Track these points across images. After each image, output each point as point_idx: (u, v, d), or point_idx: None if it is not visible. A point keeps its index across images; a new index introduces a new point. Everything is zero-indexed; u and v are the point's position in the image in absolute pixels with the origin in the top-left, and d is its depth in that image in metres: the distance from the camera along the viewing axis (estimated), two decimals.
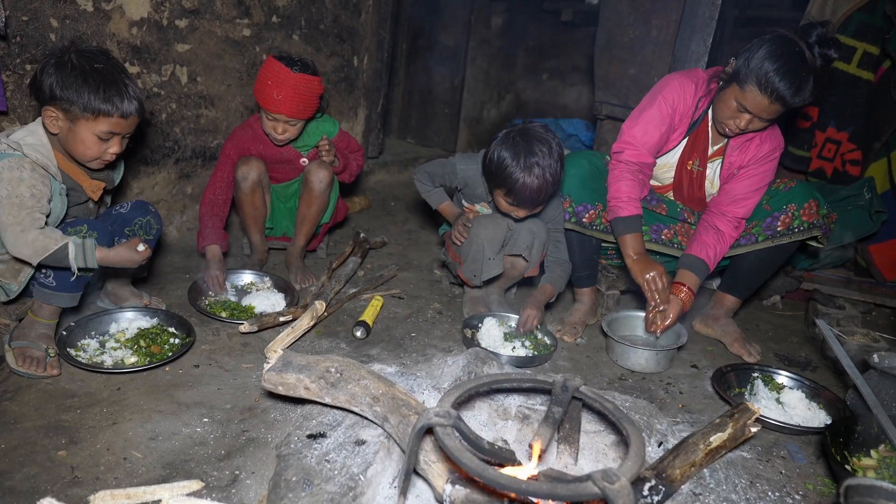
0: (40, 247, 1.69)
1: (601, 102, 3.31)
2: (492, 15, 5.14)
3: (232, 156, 2.59)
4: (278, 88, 2.36)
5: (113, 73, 1.79)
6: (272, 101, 2.38)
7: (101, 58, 1.81)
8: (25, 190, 1.72)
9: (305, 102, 2.43)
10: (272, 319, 2.20)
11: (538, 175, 2.10)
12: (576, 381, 1.38)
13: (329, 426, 1.57)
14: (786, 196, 2.27)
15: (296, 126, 2.50)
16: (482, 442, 1.21)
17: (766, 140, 2.25)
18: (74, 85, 1.74)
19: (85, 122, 1.78)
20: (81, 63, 1.76)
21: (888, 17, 3.10)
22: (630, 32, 3.10)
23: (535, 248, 2.34)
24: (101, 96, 1.76)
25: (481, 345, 2.23)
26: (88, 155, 1.85)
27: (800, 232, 2.21)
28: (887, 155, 3.16)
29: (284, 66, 2.36)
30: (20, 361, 1.77)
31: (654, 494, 1.37)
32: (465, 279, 2.42)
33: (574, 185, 2.35)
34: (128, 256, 1.84)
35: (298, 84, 2.38)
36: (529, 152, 2.11)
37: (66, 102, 1.75)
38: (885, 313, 3.00)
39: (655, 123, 2.24)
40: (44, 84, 1.75)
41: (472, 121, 5.38)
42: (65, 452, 1.50)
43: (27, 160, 1.76)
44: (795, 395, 2.06)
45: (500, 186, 2.18)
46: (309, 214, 2.66)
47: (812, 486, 1.68)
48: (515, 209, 2.22)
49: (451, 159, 2.44)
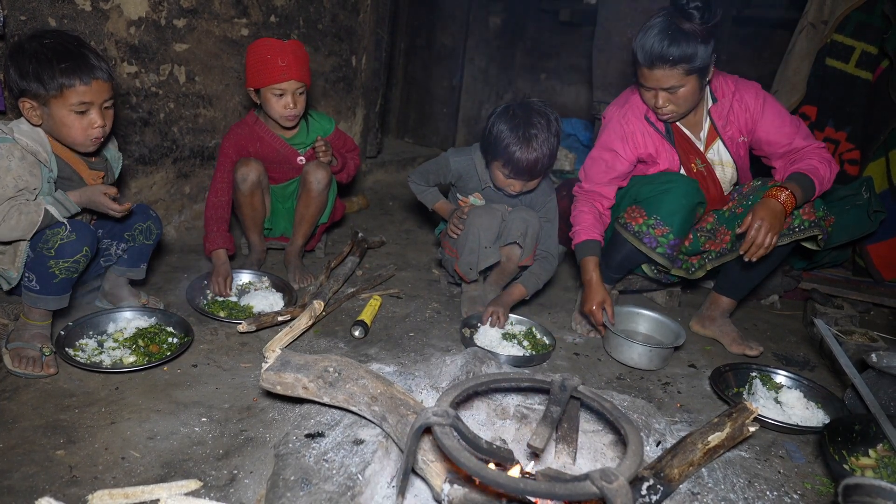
0: (27, 224, 1.75)
1: (599, 102, 3.32)
2: (490, 15, 5.14)
3: (231, 155, 2.58)
4: (280, 55, 2.39)
5: (64, 44, 1.78)
6: (278, 70, 2.40)
7: (49, 34, 1.80)
8: (11, 180, 1.74)
9: (306, 66, 2.49)
10: (270, 319, 2.20)
11: (536, 147, 2.15)
12: (574, 380, 1.38)
13: (327, 425, 1.57)
14: None
15: (303, 95, 2.52)
16: (480, 441, 1.21)
17: (743, 92, 2.29)
18: (31, 69, 1.74)
19: (55, 102, 1.78)
20: (32, 45, 1.76)
21: (886, 16, 3.11)
22: (628, 32, 3.11)
23: (528, 236, 2.35)
24: (57, 69, 1.75)
25: (479, 344, 2.23)
26: (73, 135, 1.84)
27: (801, 231, 2.20)
28: (885, 154, 3.16)
29: (274, 39, 2.44)
30: (16, 362, 1.77)
31: (652, 494, 1.37)
32: (462, 274, 2.43)
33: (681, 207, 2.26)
34: (97, 198, 1.87)
35: (296, 49, 2.45)
36: (528, 124, 2.16)
37: (31, 90, 1.76)
38: (883, 313, 3.00)
39: (601, 168, 2.36)
40: (10, 80, 1.77)
41: (471, 120, 5.38)
42: (63, 452, 1.50)
43: (17, 146, 1.77)
44: (794, 394, 2.06)
45: (498, 157, 2.22)
46: (307, 214, 2.66)
47: (810, 485, 1.68)
48: (512, 182, 2.25)
49: (444, 154, 2.48)
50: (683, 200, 2.24)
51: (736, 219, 2.32)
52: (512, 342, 2.28)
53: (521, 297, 2.44)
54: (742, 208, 2.32)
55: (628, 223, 2.33)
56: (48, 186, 1.85)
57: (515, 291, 2.43)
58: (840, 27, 3.23)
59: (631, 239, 2.31)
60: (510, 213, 2.36)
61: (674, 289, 2.82)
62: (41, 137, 1.84)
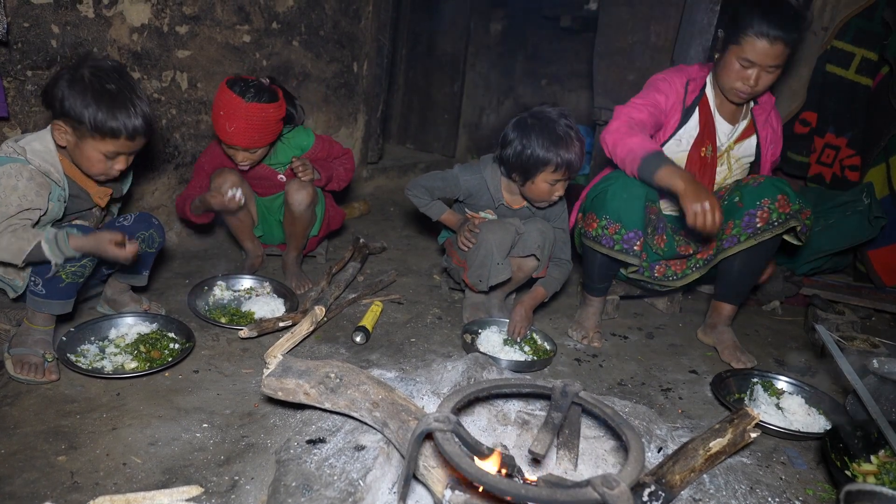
0: (16, 249, 1.70)
1: (600, 108, 3.32)
2: (491, 21, 5.16)
3: (206, 168, 2.56)
4: (230, 120, 2.26)
5: (124, 94, 1.77)
6: (224, 133, 2.31)
7: (113, 76, 1.78)
8: (15, 199, 1.72)
9: (261, 132, 2.32)
10: (272, 324, 2.20)
11: (575, 136, 2.17)
12: (575, 386, 1.38)
13: (328, 431, 1.57)
14: (756, 191, 2.25)
15: (257, 153, 2.43)
16: (482, 447, 1.21)
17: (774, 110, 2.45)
18: (85, 104, 1.72)
19: (92, 141, 1.78)
20: (94, 82, 1.74)
21: (886, 23, 3.12)
22: (629, 38, 3.12)
23: (545, 248, 2.34)
24: (110, 119, 1.75)
25: (481, 350, 2.23)
26: (93, 170, 1.86)
27: (779, 224, 2.21)
28: (886, 160, 3.17)
29: (236, 94, 2.24)
30: (18, 368, 1.77)
31: (653, 500, 1.37)
32: (471, 284, 2.42)
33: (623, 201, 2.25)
34: (102, 247, 1.75)
35: (251, 114, 2.26)
36: (555, 123, 2.17)
37: (75, 120, 1.75)
38: (884, 318, 3.00)
39: (643, 104, 2.30)
40: (55, 98, 1.75)
41: (472, 126, 5.40)
42: (64, 458, 1.50)
43: (28, 167, 1.75)
44: (795, 400, 2.06)
45: (543, 168, 2.18)
46: (294, 231, 2.63)
47: (812, 491, 1.68)
48: (560, 183, 2.24)
49: (452, 171, 2.42)
50: (624, 194, 2.23)
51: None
52: (513, 348, 2.28)
53: (542, 299, 2.43)
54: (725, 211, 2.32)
55: (586, 231, 2.34)
56: (58, 206, 1.85)
57: (537, 294, 2.41)
58: (840, 34, 3.24)
59: (593, 245, 2.32)
60: (526, 224, 2.34)
61: (675, 294, 2.83)
62: (53, 158, 1.82)
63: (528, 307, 2.38)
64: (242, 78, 2.34)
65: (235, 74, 2.34)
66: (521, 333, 2.32)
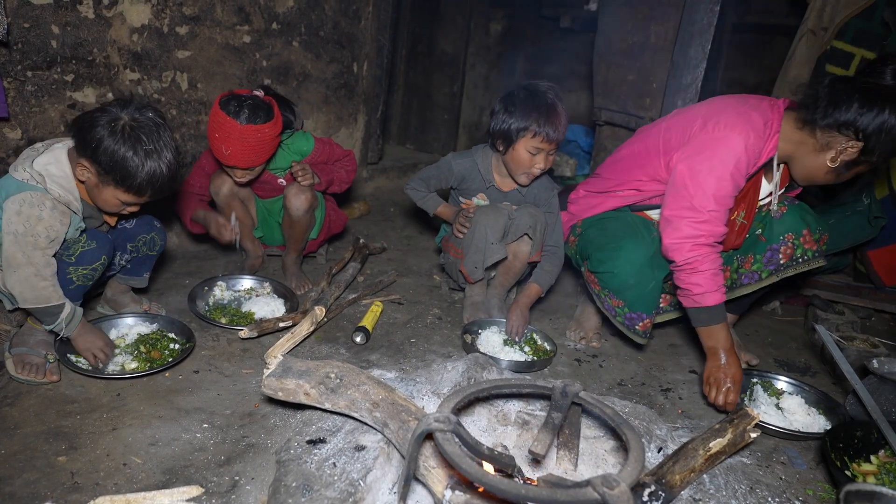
0: (43, 297, 1.72)
1: (600, 108, 3.32)
2: (491, 21, 5.16)
3: (206, 168, 2.57)
4: (226, 143, 2.22)
5: (157, 153, 1.74)
6: (221, 155, 2.28)
7: (152, 131, 1.74)
8: (42, 230, 1.70)
9: (257, 152, 2.30)
10: (272, 325, 2.20)
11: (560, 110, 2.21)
12: (575, 386, 1.38)
13: (329, 432, 1.57)
14: (780, 225, 2.14)
15: (255, 169, 2.41)
16: (482, 447, 1.21)
17: None
18: (117, 158, 1.70)
19: (114, 189, 1.77)
20: (131, 137, 1.70)
21: (886, 23, 3.12)
22: (629, 39, 3.11)
23: (538, 230, 2.35)
24: (138, 178, 1.73)
25: (481, 350, 2.23)
26: (107, 209, 1.86)
27: (804, 262, 2.12)
28: None
29: (231, 117, 2.19)
30: (19, 368, 1.78)
31: (653, 500, 1.37)
32: (467, 274, 2.42)
33: (629, 287, 2.11)
34: (87, 355, 1.88)
35: (246, 136, 2.22)
36: (541, 94, 2.22)
37: (102, 168, 1.72)
38: (884, 318, 3.00)
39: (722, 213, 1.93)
40: (90, 139, 1.70)
41: (472, 126, 5.40)
42: (65, 458, 1.50)
43: (49, 197, 1.72)
44: (795, 400, 2.06)
45: (524, 133, 2.21)
46: (294, 235, 2.63)
47: (812, 491, 1.68)
48: (542, 152, 2.25)
49: (444, 158, 2.49)
50: (631, 280, 2.08)
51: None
52: (513, 348, 2.28)
53: (537, 296, 2.44)
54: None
55: (588, 283, 2.28)
56: (75, 233, 1.84)
57: (532, 292, 2.43)
58: (840, 34, 3.24)
59: (594, 298, 2.29)
60: (517, 210, 2.37)
61: None
62: (71, 185, 1.78)
63: (524, 306, 2.39)
64: (236, 95, 2.28)
65: (229, 91, 2.31)
66: (519, 333, 2.32)
